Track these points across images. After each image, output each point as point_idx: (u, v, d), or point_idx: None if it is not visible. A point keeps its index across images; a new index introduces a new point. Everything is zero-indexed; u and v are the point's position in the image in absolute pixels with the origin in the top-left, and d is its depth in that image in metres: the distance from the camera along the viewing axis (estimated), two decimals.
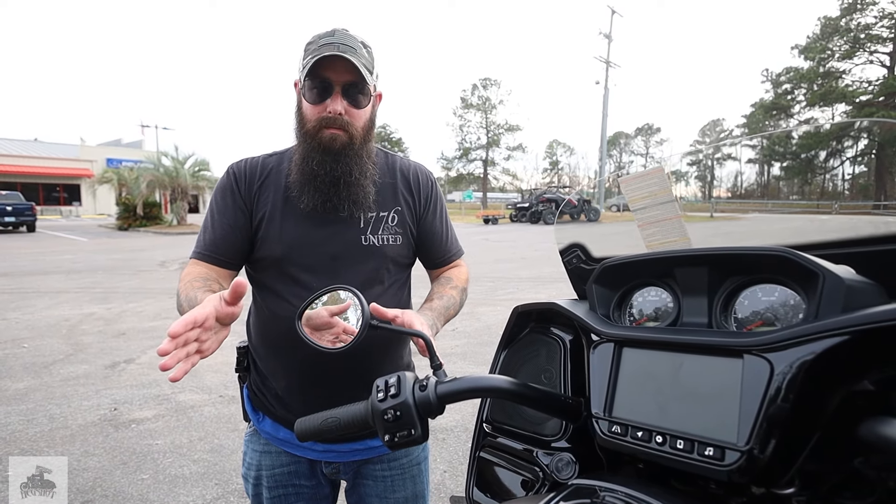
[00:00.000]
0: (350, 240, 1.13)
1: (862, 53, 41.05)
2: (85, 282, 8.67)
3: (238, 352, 1.27)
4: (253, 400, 1.25)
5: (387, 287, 1.19)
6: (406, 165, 1.25)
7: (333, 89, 1.05)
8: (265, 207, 1.13)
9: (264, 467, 1.21)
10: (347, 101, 1.06)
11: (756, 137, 14.52)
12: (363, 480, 1.24)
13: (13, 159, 35.84)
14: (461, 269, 1.33)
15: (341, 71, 1.04)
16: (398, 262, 1.21)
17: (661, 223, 0.96)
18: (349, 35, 1.06)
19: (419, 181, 1.24)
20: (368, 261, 1.15)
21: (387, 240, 1.17)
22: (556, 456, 0.82)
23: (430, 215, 1.25)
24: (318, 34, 1.07)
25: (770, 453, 0.56)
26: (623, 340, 0.73)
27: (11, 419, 3.35)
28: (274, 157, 1.19)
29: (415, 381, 0.75)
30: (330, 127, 1.07)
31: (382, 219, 1.17)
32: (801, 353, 0.56)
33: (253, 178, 1.15)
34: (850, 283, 0.60)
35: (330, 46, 1.03)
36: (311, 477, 1.22)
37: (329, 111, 1.05)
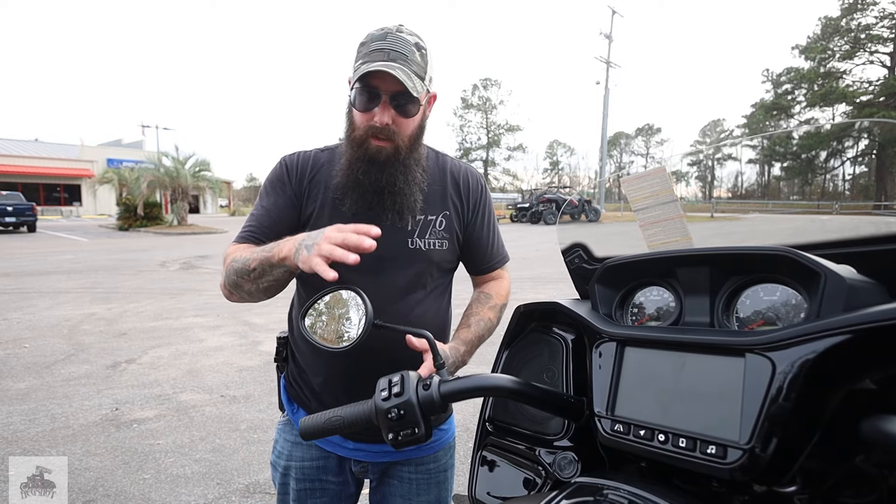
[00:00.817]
0: (397, 242, 1.12)
1: (862, 54, 41.04)
2: (86, 282, 8.68)
3: (278, 342, 1.28)
4: (289, 391, 1.26)
5: (429, 291, 1.18)
6: (456, 168, 1.24)
7: (381, 98, 1.03)
8: (315, 203, 1.13)
9: (294, 459, 1.22)
10: (395, 111, 1.04)
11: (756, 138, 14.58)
12: (389, 480, 1.24)
13: (14, 159, 35.88)
14: (503, 284, 1.32)
15: (390, 81, 1.01)
16: (442, 267, 1.20)
17: (663, 223, 0.96)
18: (402, 38, 1.03)
19: (469, 185, 1.23)
20: (414, 264, 1.14)
21: (433, 244, 1.15)
22: (559, 455, 0.83)
23: (478, 221, 1.23)
24: (370, 34, 1.05)
25: (772, 451, 0.56)
26: (625, 340, 0.74)
27: (13, 419, 3.36)
28: (325, 152, 1.19)
29: (418, 381, 0.76)
30: (376, 137, 1.06)
31: (430, 223, 1.16)
32: (803, 352, 0.56)
33: (304, 171, 1.15)
34: (851, 282, 0.60)
35: (381, 53, 1.00)
36: (338, 473, 1.23)
37: (376, 121, 1.04)
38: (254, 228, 1.13)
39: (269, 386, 3.94)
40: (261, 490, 2.60)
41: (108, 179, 25.94)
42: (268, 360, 4.50)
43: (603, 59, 34.65)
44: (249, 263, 1.00)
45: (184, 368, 4.39)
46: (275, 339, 1.31)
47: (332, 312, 0.96)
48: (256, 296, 1.07)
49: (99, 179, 26.91)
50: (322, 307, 0.96)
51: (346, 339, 0.91)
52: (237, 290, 1.07)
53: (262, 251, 0.99)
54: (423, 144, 1.16)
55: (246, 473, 2.75)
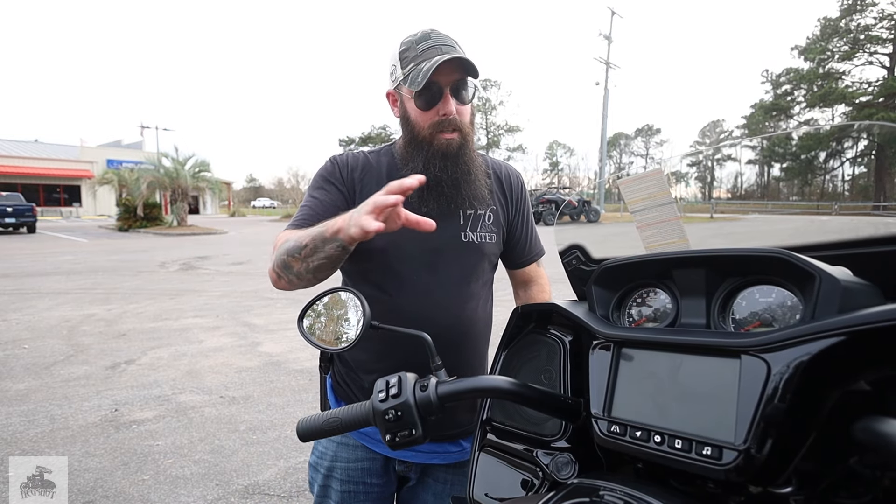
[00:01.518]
0: (451, 235, 1.15)
1: (862, 54, 41.08)
2: (85, 283, 8.68)
3: None
4: (336, 390, 1.26)
5: (482, 285, 1.21)
6: (497, 165, 1.27)
7: (443, 92, 1.06)
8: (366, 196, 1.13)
9: (340, 460, 1.21)
10: (456, 100, 1.08)
11: (756, 138, 14.61)
12: (426, 479, 1.25)
13: (13, 160, 35.86)
14: (544, 286, 1.35)
15: (447, 72, 1.04)
16: (491, 261, 1.23)
17: (660, 225, 0.97)
18: (443, 34, 1.07)
19: (511, 182, 1.27)
20: (468, 257, 1.17)
21: (484, 237, 1.18)
22: (556, 456, 0.83)
23: (519, 216, 1.28)
24: (410, 40, 1.08)
25: (767, 452, 0.56)
26: (622, 341, 0.74)
27: (12, 420, 3.36)
28: (372, 154, 1.21)
29: (415, 382, 0.76)
30: (444, 131, 1.08)
31: (480, 216, 1.19)
32: (798, 354, 0.57)
33: (355, 168, 1.17)
34: (846, 284, 0.61)
35: (433, 49, 1.04)
36: (382, 475, 1.22)
37: (442, 114, 1.07)
38: (307, 217, 1.12)
39: (268, 387, 3.94)
40: (260, 491, 2.60)
41: (107, 180, 25.94)
42: (267, 361, 4.51)
43: (602, 60, 34.69)
44: (302, 240, 0.99)
45: (183, 369, 4.39)
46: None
47: (331, 314, 0.96)
48: (305, 277, 1.03)
49: (99, 180, 26.90)
50: (321, 308, 0.96)
51: (343, 341, 0.92)
52: (286, 272, 1.04)
53: (315, 228, 0.98)
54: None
55: (245, 474, 2.75)
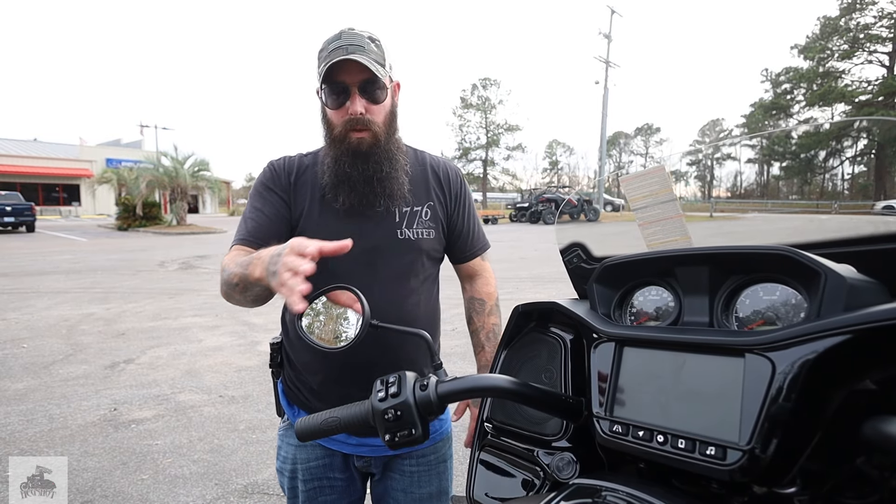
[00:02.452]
0: (386, 234, 1.17)
1: (861, 53, 41.09)
2: (84, 282, 8.67)
3: (272, 347, 1.30)
4: (288, 394, 1.27)
5: (422, 281, 1.23)
6: (436, 162, 1.29)
7: (350, 91, 1.09)
8: (303, 203, 1.17)
9: (300, 461, 1.23)
10: (366, 100, 1.10)
11: (756, 137, 14.58)
12: (390, 474, 1.27)
13: (12, 159, 35.83)
14: (489, 279, 1.38)
15: (354, 72, 1.07)
16: (431, 256, 1.24)
17: (662, 222, 0.96)
18: (355, 34, 1.09)
19: (449, 177, 1.28)
20: (405, 254, 1.18)
21: (421, 233, 1.20)
22: (557, 455, 0.82)
23: (459, 211, 1.29)
24: (326, 40, 1.11)
25: (772, 452, 0.56)
26: (624, 340, 0.73)
27: (11, 419, 3.35)
28: (309, 156, 1.23)
29: (415, 381, 0.75)
30: (354, 129, 1.11)
31: (416, 213, 1.21)
32: (803, 353, 0.56)
33: (291, 172, 1.19)
34: (851, 281, 0.60)
35: (338, 50, 1.06)
36: (344, 470, 1.25)
37: (350, 113, 1.09)
38: (250, 232, 1.15)
39: (267, 386, 3.94)
40: (259, 490, 2.59)
41: (106, 179, 25.93)
42: (266, 361, 4.49)
43: (602, 59, 34.67)
44: (233, 277, 1.01)
45: (182, 368, 4.38)
46: (275, 340, 1.31)
47: (330, 312, 0.95)
48: (249, 305, 1.08)
49: (98, 179, 26.90)
50: (320, 307, 0.95)
51: (343, 340, 0.91)
52: (230, 300, 1.09)
53: (241, 266, 0.98)
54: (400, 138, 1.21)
55: (244, 474, 2.75)
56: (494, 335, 1.33)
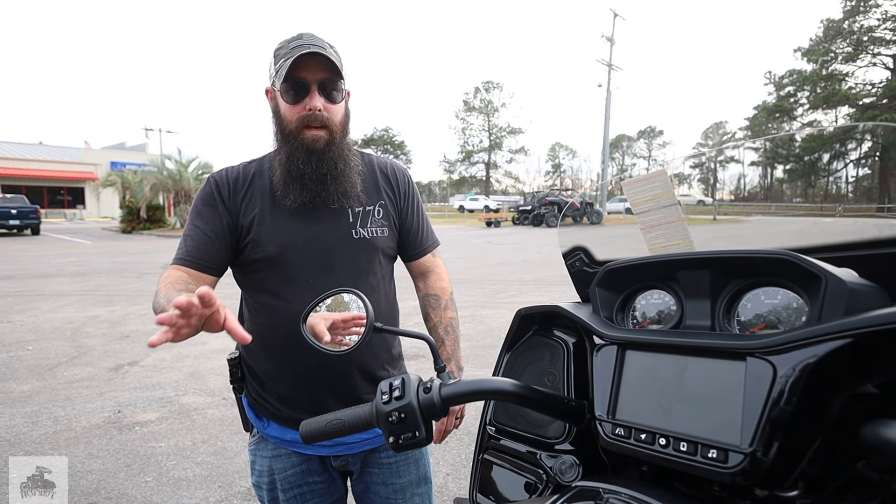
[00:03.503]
0: (341, 234, 1.17)
1: (865, 56, 40.96)
2: (89, 284, 8.70)
3: (230, 364, 1.27)
4: (255, 407, 1.26)
5: (380, 279, 1.24)
6: (383, 163, 1.31)
7: (310, 87, 1.09)
8: (253, 212, 1.15)
9: (276, 471, 1.23)
10: (324, 98, 1.11)
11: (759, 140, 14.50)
12: (369, 469, 1.27)
13: (18, 162, 36.02)
14: (441, 274, 1.38)
15: (316, 70, 1.08)
16: (386, 254, 1.26)
17: (664, 226, 0.96)
18: (316, 37, 1.11)
19: (397, 177, 1.30)
20: (361, 253, 1.19)
21: (375, 232, 1.22)
22: (560, 458, 0.82)
23: (408, 209, 1.31)
24: (284, 40, 1.12)
25: (773, 456, 0.56)
26: (626, 343, 0.74)
27: (16, 421, 3.36)
28: (253, 163, 1.22)
29: (419, 384, 0.76)
30: (310, 126, 1.11)
31: (369, 213, 1.22)
32: (805, 356, 0.56)
33: (237, 185, 1.17)
34: (852, 286, 0.60)
35: (301, 47, 1.07)
36: (322, 472, 1.25)
37: (309, 108, 1.09)
38: (189, 252, 1.13)
39: None
40: None
41: (111, 182, 26.07)
42: None
43: (605, 62, 34.69)
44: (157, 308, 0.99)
45: (186, 371, 4.39)
46: None
47: None
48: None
49: (102, 182, 27.04)
50: (323, 310, 0.96)
51: (347, 342, 0.92)
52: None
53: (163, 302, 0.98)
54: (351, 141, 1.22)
55: (247, 476, 2.74)
56: (453, 329, 1.33)
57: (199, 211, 1.16)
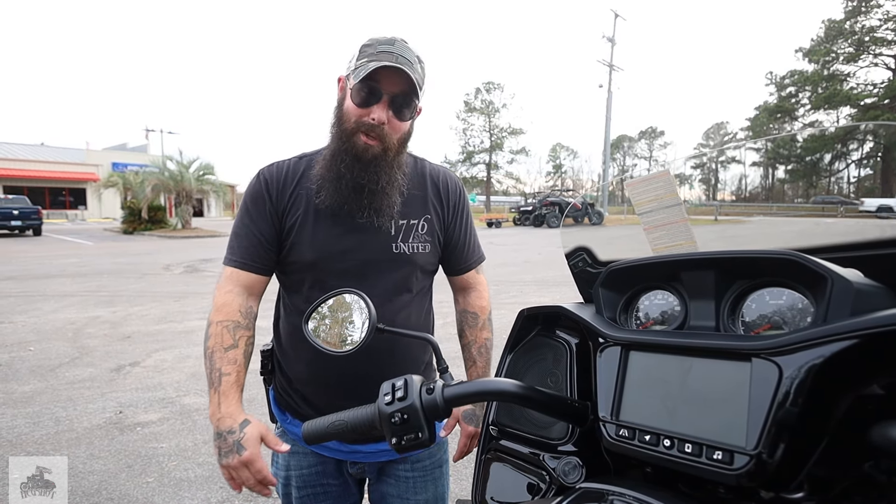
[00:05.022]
0: (381, 247, 1.14)
1: (866, 56, 40.93)
2: (90, 285, 8.71)
3: (262, 355, 1.27)
4: (279, 401, 1.26)
5: (414, 294, 1.21)
6: (435, 172, 1.26)
7: (381, 97, 1.05)
8: (297, 212, 1.13)
9: (293, 468, 1.22)
10: (392, 112, 1.06)
11: (760, 140, 14.51)
12: (386, 479, 1.25)
13: (20, 163, 36.10)
14: (482, 293, 1.35)
15: (394, 82, 1.04)
16: (425, 270, 1.22)
17: (668, 227, 0.96)
18: (407, 48, 1.06)
19: (448, 189, 1.25)
20: (399, 268, 1.16)
21: (417, 248, 1.17)
22: (563, 460, 0.82)
23: (457, 223, 1.26)
24: (376, 38, 1.07)
25: (779, 457, 0.56)
26: (630, 344, 0.73)
27: (17, 422, 3.36)
28: (304, 160, 1.18)
29: (422, 385, 0.75)
30: (367, 134, 1.06)
31: (413, 227, 1.17)
32: (811, 357, 0.56)
33: (286, 183, 1.14)
34: (858, 286, 0.60)
35: (388, 55, 1.02)
36: (338, 476, 1.24)
37: (373, 118, 1.05)
38: (243, 255, 1.13)
39: None
40: None
41: (112, 183, 26.10)
42: None
43: (606, 63, 34.69)
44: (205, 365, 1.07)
45: (187, 371, 4.39)
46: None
47: (336, 316, 0.96)
48: None
49: (104, 183, 27.07)
50: (325, 311, 0.96)
51: (349, 343, 0.91)
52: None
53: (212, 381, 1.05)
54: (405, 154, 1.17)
55: None
56: (486, 350, 1.31)
57: (249, 209, 1.15)
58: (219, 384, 1.04)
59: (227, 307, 1.10)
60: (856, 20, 40.49)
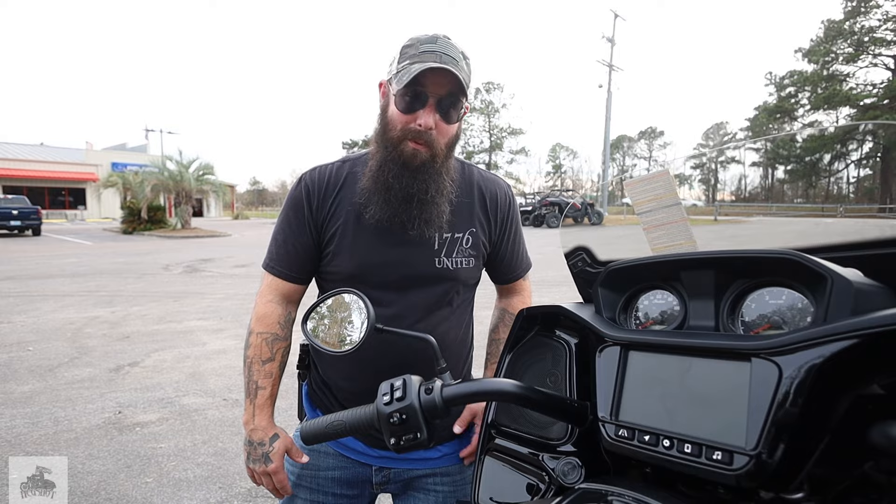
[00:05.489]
0: (423, 261, 1.10)
1: (866, 56, 40.97)
2: (90, 285, 8.71)
3: (301, 349, 1.25)
4: (312, 397, 1.24)
5: (454, 309, 1.17)
6: (485, 182, 1.20)
7: (427, 101, 0.99)
8: (339, 221, 1.09)
9: (309, 467, 1.18)
10: (439, 115, 1.01)
11: (760, 140, 14.54)
12: (414, 493, 1.20)
13: (19, 163, 36.10)
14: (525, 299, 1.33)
15: (440, 83, 0.98)
16: (468, 284, 1.19)
17: (667, 226, 0.96)
18: (451, 45, 1.00)
19: (497, 201, 1.20)
20: (440, 284, 1.12)
21: (460, 263, 1.13)
22: (563, 460, 0.82)
23: (505, 236, 1.22)
24: (416, 38, 1.01)
25: (779, 458, 0.55)
26: (629, 344, 0.73)
27: (16, 422, 3.36)
28: (347, 164, 1.14)
29: (420, 385, 0.75)
30: (415, 140, 1.01)
31: (457, 241, 1.13)
32: (810, 357, 0.56)
33: (328, 190, 1.11)
34: (858, 286, 0.60)
35: (432, 55, 0.97)
36: (353, 486, 1.19)
37: (419, 123, 0.99)
38: (283, 262, 1.13)
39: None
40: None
41: (112, 183, 26.09)
42: None
43: (605, 63, 34.71)
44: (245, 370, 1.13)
45: (187, 372, 4.39)
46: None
47: (335, 316, 0.96)
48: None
49: (103, 183, 27.06)
50: (324, 310, 0.96)
51: (347, 343, 0.91)
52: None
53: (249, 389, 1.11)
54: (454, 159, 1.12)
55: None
56: None
57: (289, 217, 1.12)
58: (255, 397, 1.10)
59: (267, 318, 1.12)
60: (855, 20, 40.52)
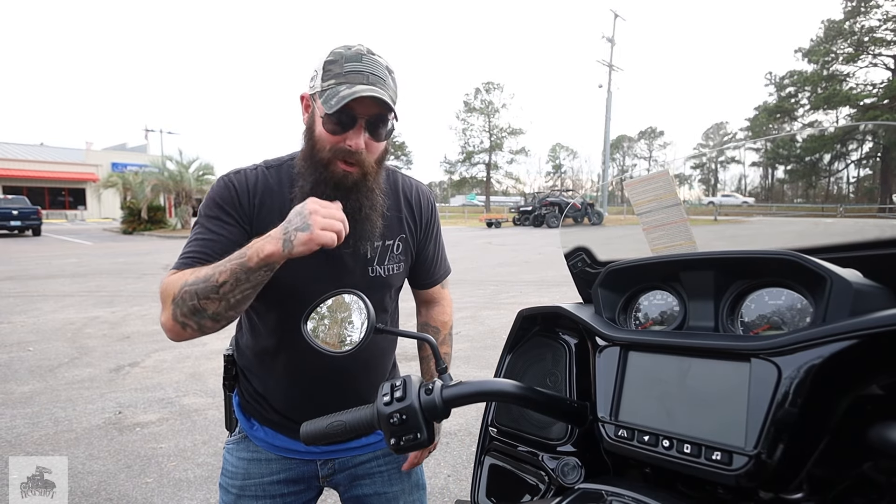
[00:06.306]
0: (357, 272, 1.10)
1: (866, 56, 40.95)
2: (90, 285, 8.71)
3: (225, 360, 1.22)
4: (245, 407, 1.20)
5: (390, 314, 1.21)
6: (408, 187, 1.21)
7: (356, 122, 0.97)
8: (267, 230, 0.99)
9: (253, 476, 1.16)
10: (368, 134, 1.00)
11: (760, 141, 14.51)
12: (360, 482, 1.23)
13: (19, 164, 36.08)
14: (445, 308, 1.34)
15: (368, 104, 0.96)
16: (398, 288, 1.22)
17: (667, 227, 0.96)
18: (377, 61, 0.99)
19: (421, 205, 1.22)
20: (375, 292, 1.11)
21: (392, 269, 1.15)
22: (562, 460, 0.82)
23: (428, 239, 1.24)
24: (339, 53, 0.98)
25: (778, 458, 0.56)
26: (629, 344, 0.73)
27: (17, 422, 3.36)
28: (271, 170, 1.09)
29: (420, 385, 0.75)
30: (345, 161, 1.00)
31: (388, 248, 1.14)
32: (810, 357, 0.56)
33: (254, 193, 1.06)
34: (857, 286, 0.60)
35: (359, 76, 0.96)
36: (299, 482, 1.19)
37: (349, 144, 0.98)
38: (201, 255, 0.99)
39: None
40: None
41: (112, 183, 26.12)
42: None
43: (605, 63, 34.72)
44: (216, 278, 0.89)
45: (187, 372, 4.39)
46: None
47: (335, 316, 0.96)
48: (221, 318, 0.94)
49: (103, 183, 27.10)
50: (324, 311, 0.95)
51: (348, 343, 0.91)
52: (196, 317, 0.92)
53: (227, 262, 0.91)
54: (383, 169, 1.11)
55: None
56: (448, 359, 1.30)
57: (215, 214, 1.03)
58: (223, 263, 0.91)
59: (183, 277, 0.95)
60: (855, 20, 40.51)
